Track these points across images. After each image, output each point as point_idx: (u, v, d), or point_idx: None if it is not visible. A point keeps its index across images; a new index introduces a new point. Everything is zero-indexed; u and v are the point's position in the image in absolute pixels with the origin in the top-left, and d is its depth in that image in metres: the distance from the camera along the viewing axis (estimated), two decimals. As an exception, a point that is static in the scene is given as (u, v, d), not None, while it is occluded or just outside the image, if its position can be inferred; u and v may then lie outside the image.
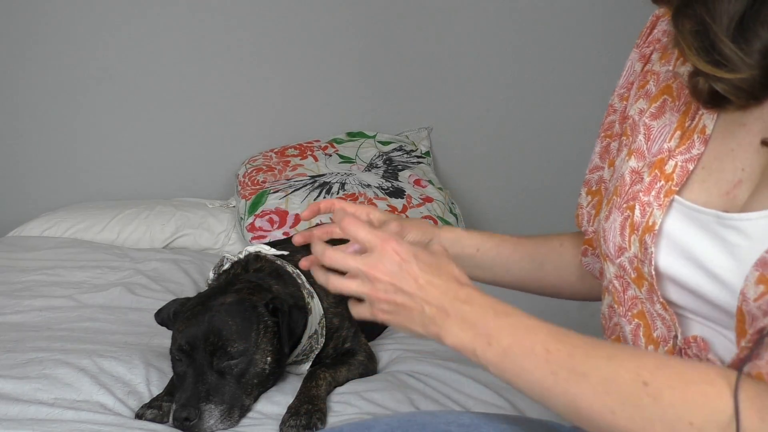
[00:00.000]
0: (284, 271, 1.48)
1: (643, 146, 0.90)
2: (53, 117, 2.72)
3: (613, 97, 1.06)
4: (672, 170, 0.86)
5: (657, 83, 0.94)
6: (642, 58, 1.00)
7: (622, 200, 0.89)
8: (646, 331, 0.87)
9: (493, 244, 1.14)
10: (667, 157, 0.87)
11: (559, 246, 1.16)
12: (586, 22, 2.88)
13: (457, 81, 2.88)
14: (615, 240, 0.88)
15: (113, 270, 2.07)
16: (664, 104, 0.91)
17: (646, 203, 0.86)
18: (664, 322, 0.85)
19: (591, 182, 1.09)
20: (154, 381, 1.38)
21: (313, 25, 2.78)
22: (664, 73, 0.93)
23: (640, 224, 0.85)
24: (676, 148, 0.87)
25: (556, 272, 1.15)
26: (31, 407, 1.25)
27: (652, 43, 0.99)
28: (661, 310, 0.85)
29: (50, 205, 2.66)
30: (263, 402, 1.33)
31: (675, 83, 0.91)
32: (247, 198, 2.47)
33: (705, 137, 0.85)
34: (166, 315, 1.41)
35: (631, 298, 0.89)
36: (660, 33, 0.98)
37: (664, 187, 0.85)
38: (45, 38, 2.67)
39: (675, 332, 0.84)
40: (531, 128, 2.94)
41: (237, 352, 1.29)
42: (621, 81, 1.04)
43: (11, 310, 1.78)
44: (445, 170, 2.89)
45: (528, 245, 1.16)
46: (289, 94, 2.81)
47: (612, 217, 0.89)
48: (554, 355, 0.78)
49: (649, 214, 0.85)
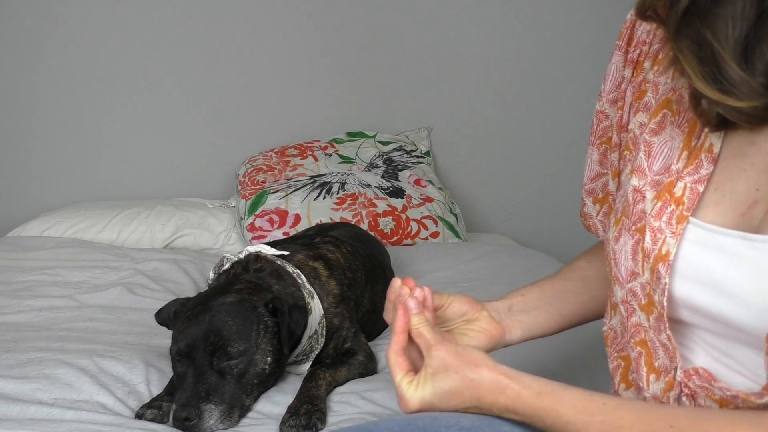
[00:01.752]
0: (284, 272, 1.47)
1: (644, 164, 0.88)
2: (53, 117, 2.72)
3: (602, 103, 1.02)
4: (682, 193, 0.83)
5: (656, 95, 0.91)
6: (630, 63, 0.97)
7: (630, 222, 0.87)
8: (647, 359, 0.85)
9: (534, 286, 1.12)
10: (675, 179, 0.84)
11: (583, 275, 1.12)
12: (587, 22, 2.88)
13: (457, 81, 2.88)
14: (627, 264, 0.86)
15: (113, 270, 2.07)
16: (663, 119, 0.89)
17: (657, 229, 0.83)
18: (666, 352, 0.83)
19: (596, 191, 1.07)
20: (154, 381, 1.38)
21: (314, 25, 2.78)
22: (663, 84, 0.91)
23: (651, 252, 0.83)
24: (684, 168, 0.84)
25: (592, 301, 1.12)
26: (31, 407, 1.25)
27: (639, 46, 0.96)
28: (666, 341, 0.83)
29: (50, 205, 2.66)
30: (263, 402, 1.33)
31: (674, 96, 0.88)
32: (247, 198, 2.47)
33: (713, 156, 0.83)
34: (167, 315, 1.41)
35: (635, 325, 0.87)
36: (644, 34, 0.95)
37: (676, 212, 0.83)
38: (45, 38, 2.67)
39: (676, 364, 0.82)
40: (531, 128, 2.94)
41: (237, 353, 1.29)
42: (608, 86, 1.00)
43: (11, 310, 1.78)
44: (445, 170, 2.89)
45: (565, 274, 1.13)
46: (289, 94, 2.81)
47: (622, 239, 0.87)
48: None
49: (662, 241, 0.82)
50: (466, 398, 0.85)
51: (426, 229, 2.43)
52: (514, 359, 1.49)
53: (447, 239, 2.44)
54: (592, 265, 1.12)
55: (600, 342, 1.56)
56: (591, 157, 1.06)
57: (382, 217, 2.40)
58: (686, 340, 0.84)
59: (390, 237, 2.38)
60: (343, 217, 2.35)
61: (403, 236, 2.40)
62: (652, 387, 0.85)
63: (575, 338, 1.63)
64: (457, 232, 2.48)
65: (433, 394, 0.86)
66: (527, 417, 0.83)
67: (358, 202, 2.43)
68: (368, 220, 2.37)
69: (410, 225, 2.42)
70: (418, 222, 2.43)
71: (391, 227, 2.39)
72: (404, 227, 2.41)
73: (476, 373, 0.85)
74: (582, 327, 1.79)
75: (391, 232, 2.39)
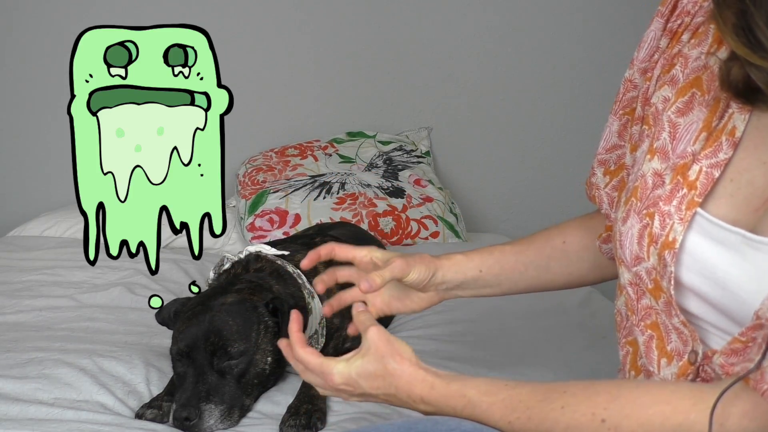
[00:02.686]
0: (285, 272, 1.47)
1: (668, 146, 0.83)
2: (53, 117, 2.72)
3: (633, 72, 0.97)
4: (696, 177, 0.80)
5: (684, 70, 0.86)
6: (668, 33, 0.91)
7: (642, 205, 0.84)
8: (659, 343, 0.84)
9: (494, 260, 1.12)
10: (690, 161, 0.81)
11: (563, 244, 1.12)
12: (587, 22, 2.88)
13: (457, 81, 2.88)
14: (632, 248, 0.84)
15: (113, 270, 2.07)
16: (692, 99, 0.84)
17: (667, 213, 0.80)
18: (680, 336, 0.82)
19: (609, 162, 1.03)
20: (154, 381, 1.38)
21: (313, 25, 2.78)
22: (694, 59, 0.86)
23: (659, 237, 0.81)
24: (701, 150, 0.80)
25: (566, 270, 1.13)
26: (31, 407, 1.25)
27: (681, 16, 0.90)
28: (679, 325, 0.82)
29: (50, 205, 2.65)
30: (263, 402, 1.33)
31: (705, 74, 0.83)
32: (247, 198, 2.47)
33: (734, 140, 0.79)
34: (167, 315, 1.41)
35: (645, 307, 0.85)
36: (690, 4, 0.90)
37: (687, 197, 0.80)
38: (44, 38, 2.67)
39: (693, 347, 0.81)
40: (531, 128, 2.94)
41: (237, 353, 1.29)
42: (642, 54, 0.95)
43: (11, 310, 1.78)
44: (445, 170, 2.89)
45: (530, 252, 1.13)
46: (289, 94, 2.81)
47: (630, 221, 0.84)
48: (516, 425, 0.82)
49: (670, 227, 0.80)
50: (385, 384, 0.90)
51: (426, 229, 2.43)
52: (514, 359, 1.49)
53: (447, 239, 2.44)
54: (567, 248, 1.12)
55: (600, 340, 1.57)
56: (611, 127, 1.02)
57: (382, 217, 2.40)
58: (696, 330, 0.82)
59: (390, 237, 2.38)
60: (343, 217, 2.35)
61: (403, 236, 2.40)
62: (663, 371, 0.83)
63: (576, 337, 1.63)
64: (457, 232, 2.48)
65: (359, 373, 0.91)
66: (440, 407, 0.87)
67: (358, 202, 2.43)
68: (368, 220, 2.37)
69: (410, 225, 2.42)
70: (418, 222, 2.43)
71: (391, 227, 2.39)
72: (404, 227, 2.41)
73: (399, 364, 0.90)
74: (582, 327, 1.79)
75: (391, 232, 2.39)
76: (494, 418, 0.83)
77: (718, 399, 0.72)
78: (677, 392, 0.77)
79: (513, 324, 1.73)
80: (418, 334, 1.64)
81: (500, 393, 0.85)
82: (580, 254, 1.12)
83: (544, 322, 1.73)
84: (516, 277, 1.13)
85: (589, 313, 1.79)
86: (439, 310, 1.30)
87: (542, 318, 1.76)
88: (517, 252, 1.13)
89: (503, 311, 1.77)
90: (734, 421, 0.72)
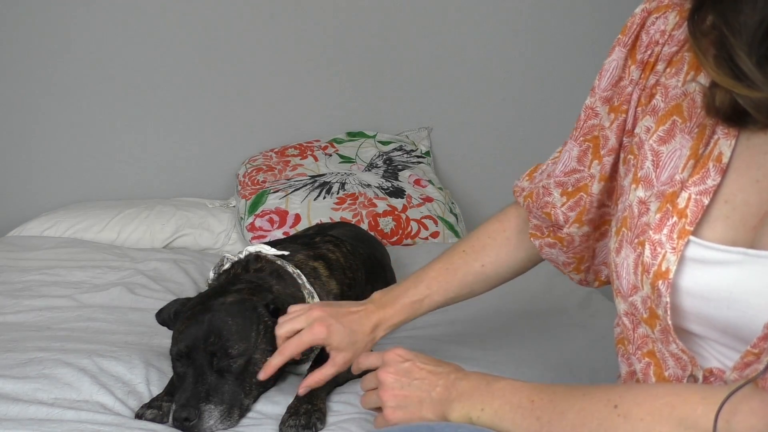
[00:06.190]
0: (285, 272, 1.47)
1: (652, 174, 0.84)
2: (53, 117, 2.72)
3: (594, 100, 0.99)
4: (686, 204, 0.79)
5: (665, 99, 0.86)
6: (640, 64, 0.92)
7: (632, 234, 0.84)
8: (657, 370, 0.85)
9: (426, 306, 1.25)
10: (679, 189, 0.80)
11: (481, 267, 1.22)
12: (587, 22, 2.88)
13: (457, 81, 2.88)
14: (629, 278, 0.84)
15: (113, 270, 2.07)
16: (673, 127, 0.84)
17: (658, 242, 0.80)
18: (679, 362, 0.82)
19: (567, 184, 1.04)
20: (154, 381, 1.38)
21: (314, 25, 2.78)
22: (673, 87, 0.86)
23: (651, 266, 0.80)
24: (689, 178, 0.80)
25: (488, 286, 1.25)
26: (31, 407, 1.24)
27: (650, 46, 0.91)
28: (677, 351, 0.82)
29: (50, 205, 2.65)
30: (263, 402, 1.33)
31: (685, 102, 0.83)
32: (247, 198, 2.47)
33: (721, 166, 0.78)
34: (167, 315, 1.41)
35: (642, 336, 0.86)
36: (657, 34, 0.90)
37: (678, 225, 0.79)
38: (44, 38, 2.67)
39: (692, 372, 0.81)
40: (531, 128, 2.94)
41: (237, 353, 1.29)
42: (603, 83, 0.97)
43: (11, 310, 1.78)
44: (445, 170, 2.89)
45: (454, 284, 1.24)
46: (289, 94, 2.81)
47: (624, 252, 0.85)
48: (537, 403, 0.86)
49: (662, 257, 0.80)
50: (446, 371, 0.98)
51: (426, 229, 2.43)
52: (514, 359, 1.49)
53: (447, 239, 2.44)
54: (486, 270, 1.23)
55: (601, 341, 1.56)
56: (570, 152, 1.04)
57: (382, 217, 2.40)
58: (697, 348, 0.83)
59: (390, 237, 2.38)
60: (343, 217, 2.35)
61: (403, 236, 2.40)
62: None
63: (576, 337, 1.63)
64: (457, 232, 2.48)
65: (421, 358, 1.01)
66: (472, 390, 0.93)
67: (358, 202, 2.43)
68: (368, 220, 2.37)
69: (410, 225, 2.42)
70: (418, 222, 2.43)
71: (391, 227, 2.39)
72: (404, 227, 2.41)
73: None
74: (582, 327, 1.79)
75: (391, 232, 2.39)
76: (522, 394, 0.88)
77: (727, 397, 0.73)
78: (690, 388, 0.78)
79: (513, 324, 1.73)
80: (418, 334, 1.64)
81: (533, 383, 0.90)
82: (498, 272, 1.23)
83: (544, 322, 1.73)
84: (457, 297, 1.26)
85: (589, 314, 1.79)
86: (439, 309, 1.30)
87: (542, 318, 1.76)
88: (444, 291, 1.24)
89: (503, 311, 1.77)
90: (741, 418, 0.73)
